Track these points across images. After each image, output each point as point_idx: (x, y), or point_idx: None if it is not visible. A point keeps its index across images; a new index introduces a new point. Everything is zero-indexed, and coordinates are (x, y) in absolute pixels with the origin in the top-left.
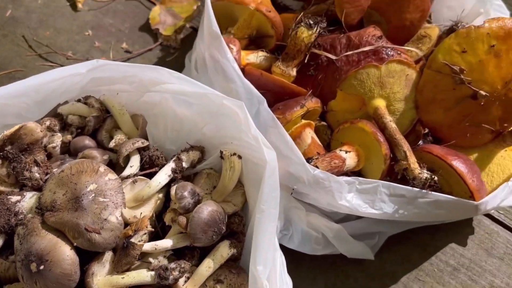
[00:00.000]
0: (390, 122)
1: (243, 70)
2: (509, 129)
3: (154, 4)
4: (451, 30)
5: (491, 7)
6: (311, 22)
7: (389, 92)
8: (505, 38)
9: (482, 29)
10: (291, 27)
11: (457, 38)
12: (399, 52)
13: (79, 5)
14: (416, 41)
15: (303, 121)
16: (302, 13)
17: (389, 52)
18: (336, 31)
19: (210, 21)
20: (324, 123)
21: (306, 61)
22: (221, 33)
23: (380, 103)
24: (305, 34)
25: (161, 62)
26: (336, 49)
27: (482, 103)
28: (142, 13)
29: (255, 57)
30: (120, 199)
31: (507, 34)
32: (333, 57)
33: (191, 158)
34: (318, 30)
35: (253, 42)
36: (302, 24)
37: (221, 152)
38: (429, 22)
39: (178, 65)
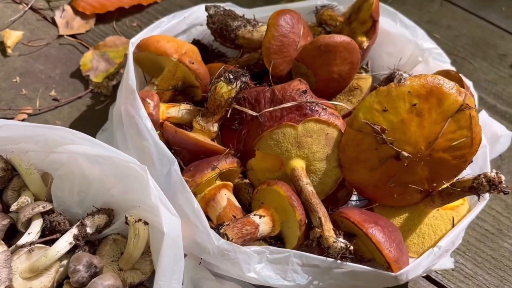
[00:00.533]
0: (307, 185)
1: (162, 125)
2: (438, 189)
3: (89, 48)
4: (388, 79)
5: (430, 55)
6: (231, 77)
7: (308, 152)
8: (426, 96)
9: (403, 88)
10: (212, 80)
11: (378, 97)
12: (324, 107)
13: (9, 50)
14: (347, 93)
15: (218, 182)
16: (223, 66)
17: (313, 108)
18: (264, 83)
19: (128, 74)
20: (246, 180)
21: (229, 115)
22: (146, 84)
23: (297, 164)
24: (224, 90)
25: (90, 110)
26: (260, 104)
27: (405, 164)
28: (76, 59)
29: (177, 110)
30: (5, 274)
31: (429, 93)
32: (254, 114)
33: (97, 223)
34: (239, 85)
35: (181, 93)
36: (222, 78)
37: (126, 218)
38: (366, 71)
39: (108, 114)
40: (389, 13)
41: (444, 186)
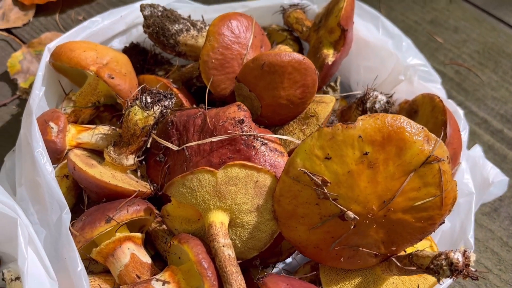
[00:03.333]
0: (223, 247)
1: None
2: (396, 255)
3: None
4: (361, 101)
5: (414, 73)
6: (148, 101)
7: (231, 203)
8: (383, 144)
9: (352, 131)
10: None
11: (320, 140)
12: (265, 141)
13: None
14: (302, 120)
15: (119, 235)
16: (141, 87)
17: (249, 143)
18: (202, 104)
19: (33, 90)
20: (165, 227)
21: (149, 145)
22: (63, 99)
23: (216, 219)
24: (139, 116)
25: (14, 121)
26: (188, 132)
27: (353, 226)
28: (7, 58)
29: (90, 135)
30: None
31: (386, 139)
32: (174, 147)
33: None
34: (159, 111)
35: (110, 109)
36: (137, 102)
37: (3, 274)
38: (333, 90)
39: None
40: (371, 16)
41: (404, 253)
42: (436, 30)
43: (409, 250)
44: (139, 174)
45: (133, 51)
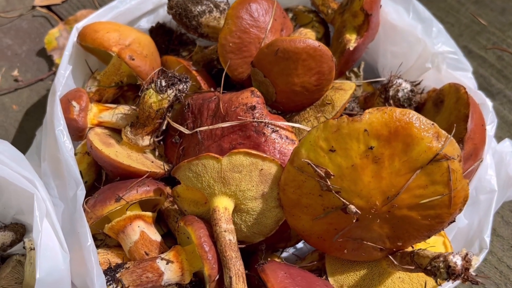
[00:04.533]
0: (224, 232)
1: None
2: (402, 251)
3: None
4: (384, 88)
5: (443, 61)
6: (163, 84)
7: (236, 189)
8: (389, 138)
9: (357, 124)
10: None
11: (325, 132)
12: (276, 128)
13: None
14: (318, 107)
15: (129, 213)
16: (158, 69)
17: (259, 129)
18: (219, 87)
19: (59, 69)
20: (176, 207)
21: (165, 127)
22: (89, 78)
23: (220, 204)
24: (153, 99)
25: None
26: (202, 116)
27: (355, 220)
28: (45, 34)
29: (111, 114)
30: None
31: (393, 134)
32: (186, 131)
33: (0, 241)
34: (173, 94)
35: (134, 88)
36: (152, 85)
37: (24, 243)
38: (356, 76)
39: None
40: None
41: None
42: (480, 11)
43: (421, 245)
44: (157, 153)
45: (159, 31)
